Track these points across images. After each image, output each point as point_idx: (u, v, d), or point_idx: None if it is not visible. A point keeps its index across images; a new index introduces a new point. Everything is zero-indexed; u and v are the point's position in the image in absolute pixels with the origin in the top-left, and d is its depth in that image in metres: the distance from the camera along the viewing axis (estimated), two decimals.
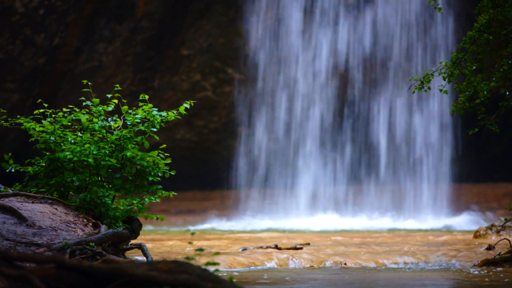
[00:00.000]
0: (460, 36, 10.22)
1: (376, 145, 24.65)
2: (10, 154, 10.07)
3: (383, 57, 24.55)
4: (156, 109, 10.04)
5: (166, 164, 10.09)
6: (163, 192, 10.06)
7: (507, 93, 9.71)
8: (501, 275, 9.18)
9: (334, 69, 24.79)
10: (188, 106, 9.92)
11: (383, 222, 21.50)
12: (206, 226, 20.72)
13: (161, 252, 11.33)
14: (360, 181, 24.64)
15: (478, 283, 8.52)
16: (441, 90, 9.85)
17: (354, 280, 8.87)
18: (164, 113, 10.02)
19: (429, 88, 9.86)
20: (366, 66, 24.77)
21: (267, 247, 11.52)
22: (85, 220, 9.30)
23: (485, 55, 9.61)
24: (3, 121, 10.04)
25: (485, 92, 9.50)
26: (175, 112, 10.04)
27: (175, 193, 10.14)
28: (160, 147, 10.13)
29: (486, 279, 8.79)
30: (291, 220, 22.07)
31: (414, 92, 9.92)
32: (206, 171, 27.02)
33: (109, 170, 9.98)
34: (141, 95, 10.02)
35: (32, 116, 10.09)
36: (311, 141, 24.76)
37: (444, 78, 9.77)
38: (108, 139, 9.91)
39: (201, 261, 5.86)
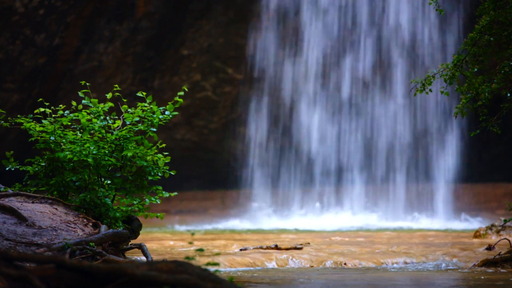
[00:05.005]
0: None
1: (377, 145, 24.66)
2: (12, 152, 10.08)
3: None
4: (155, 102, 10.03)
5: (166, 164, 10.10)
6: (164, 192, 10.06)
7: (508, 94, 9.71)
8: (501, 275, 9.17)
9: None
10: (182, 93, 9.90)
11: (383, 222, 21.51)
12: (206, 226, 20.72)
13: (161, 252, 11.33)
14: (357, 182, 24.65)
15: (478, 283, 8.51)
16: (442, 92, 9.85)
17: (354, 280, 8.87)
18: (163, 108, 10.01)
19: (430, 90, 9.87)
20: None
21: (267, 247, 11.52)
22: (85, 220, 9.30)
23: (486, 56, 9.60)
24: (3, 121, 10.04)
25: (486, 94, 9.49)
26: (169, 106, 10.00)
27: (176, 193, 10.14)
28: (160, 146, 10.13)
29: (486, 279, 8.79)
30: (294, 219, 22.09)
31: (415, 94, 9.92)
32: (206, 171, 27.02)
33: (109, 169, 9.99)
34: (139, 92, 10.00)
35: (32, 115, 10.08)
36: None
37: (445, 80, 9.76)
38: (107, 139, 9.91)
39: (201, 261, 5.86)
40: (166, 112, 10.03)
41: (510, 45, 9.52)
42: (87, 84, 10.15)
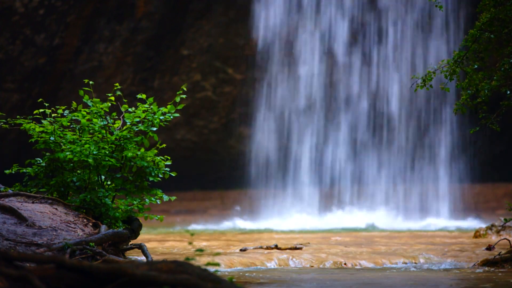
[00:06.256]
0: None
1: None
2: (16, 164, 10.08)
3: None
4: (155, 103, 10.03)
5: (166, 165, 10.10)
6: (163, 195, 10.06)
7: (508, 92, 9.71)
8: (501, 275, 9.17)
9: None
10: (184, 97, 9.90)
11: (383, 222, 21.51)
12: (206, 226, 20.72)
13: (161, 252, 11.33)
14: (360, 181, 24.65)
15: (478, 283, 8.51)
16: (442, 88, 9.85)
17: (354, 280, 8.87)
18: (163, 108, 10.01)
19: (431, 86, 9.86)
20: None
21: (267, 247, 11.52)
22: (85, 220, 9.30)
23: (487, 53, 9.60)
24: (3, 123, 10.04)
25: (486, 91, 9.49)
26: (172, 103, 10.01)
27: (175, 197, 10.15)
28: (160, 146, 10.13)
29: (486, 279, 8.78)
30: (295, 219, 22.09)
31: (416, 90, 9.92)
32: (206, 171, 27.02)
33: (109, 170, 9.98)
34: (139, 95, 10.01)
35: (31, 116, 10.08)
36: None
37: (446, 76, 9.76)
38: (108, 139, 9.91)
39: (201, 261, 5.85)
40: (167, 114, 10.03)
41: (510, 42, 9.52)
42: (90, 82, 10.14)
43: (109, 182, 10.01)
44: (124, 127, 9.94)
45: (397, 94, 24.56)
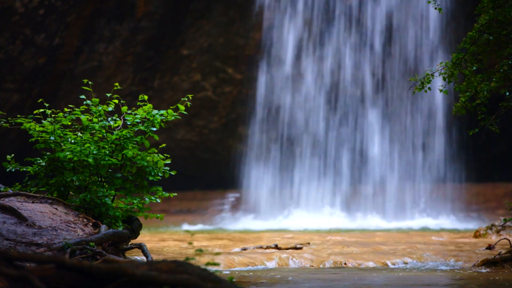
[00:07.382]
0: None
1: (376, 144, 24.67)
2: (12, 155, 10.10)
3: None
4: (156, 111, 10.05)
5: (166, 164, 10.11)
6: (163, 193, 10.07)
7: (507, 93, 9.72)
8: (501, 274, 9.18)
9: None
10: (188, 104, 9.93)
11: (382, 222, 21.52)
12: (206, 226, 20.72)
13: (161, 252, 11.34)
14: (361, 181, 24.66)
15: (478, 283, 8.52)
16: (441, 91, 9.86)
17: (354, 280, 8.87)
18: (163, 112, 10.04)
19: (429, 88, 9.87)
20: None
21: (267, 247, 11.53)
22: (85, 220, 9.31)
23: (485, 55, 9.61)
24: (3, 122, 10.05)
25: (485, 93, 9.51)
26: (173, 109, 10.03)
27: (175, 194, 10.16)
28: (160, 146, 10.15)
29: (486, 279, 8.79)
30: (296, 219, 22.09)
31: (414, 92, 9.93)
32: (206, 171, 27.03)
33: (109, 170, 10.00)
34: (140, 96, 10.04)
35: (32, 116, 10.10)
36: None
37: (444, 79, 9.77)
38: (108, 139, 9.92)
39: (201, 261, 5.85)
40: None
41: (509, 44, 9.53)
42: (90, 82, 10.16)
43: (109, 182, 10.02)
44: (124, 131, 9.96)
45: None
